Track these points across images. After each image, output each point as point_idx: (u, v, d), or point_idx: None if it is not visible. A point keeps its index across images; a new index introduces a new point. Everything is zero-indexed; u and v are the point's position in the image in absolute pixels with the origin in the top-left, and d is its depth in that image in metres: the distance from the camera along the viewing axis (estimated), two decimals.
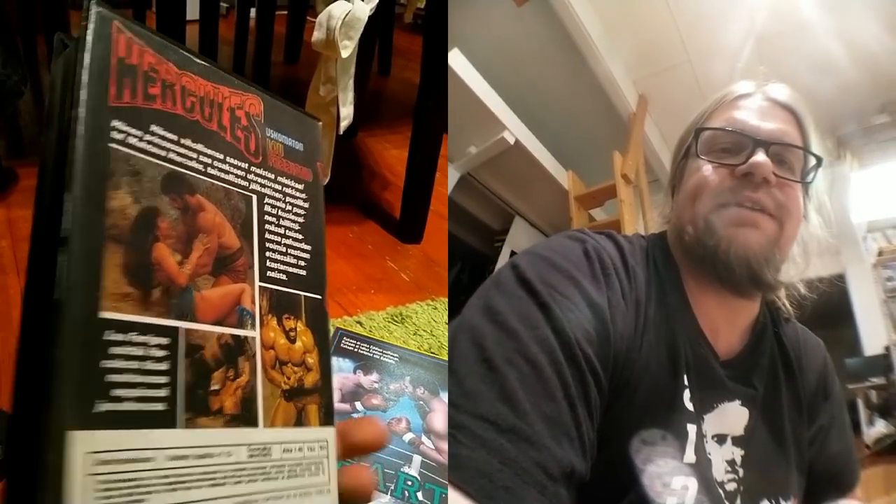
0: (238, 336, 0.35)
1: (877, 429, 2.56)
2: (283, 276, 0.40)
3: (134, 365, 0.29)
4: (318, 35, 1.19)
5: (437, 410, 0.95)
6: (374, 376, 1.00)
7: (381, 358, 1.02)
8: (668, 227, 0.67)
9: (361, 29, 1.19)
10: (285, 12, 2.85)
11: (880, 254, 2.97)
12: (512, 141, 2.46)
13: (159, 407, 0.29)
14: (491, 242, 3.15)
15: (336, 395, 0.97)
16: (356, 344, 1.05)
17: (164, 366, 0.30)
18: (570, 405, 0.44)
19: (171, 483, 0.29)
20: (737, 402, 0.60)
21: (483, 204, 3.01)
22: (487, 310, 0.48)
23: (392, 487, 0.84)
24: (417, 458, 0.88)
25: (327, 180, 1.50)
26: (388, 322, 1.33)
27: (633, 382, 0.53)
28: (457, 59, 2.15)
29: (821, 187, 0.65)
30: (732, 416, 0.60)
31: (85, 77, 0.31)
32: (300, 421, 0.37)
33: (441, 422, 0.93)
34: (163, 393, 0.30)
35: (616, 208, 2.49)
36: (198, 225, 0.34)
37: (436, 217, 1.80)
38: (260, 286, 0.38)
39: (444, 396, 0.98)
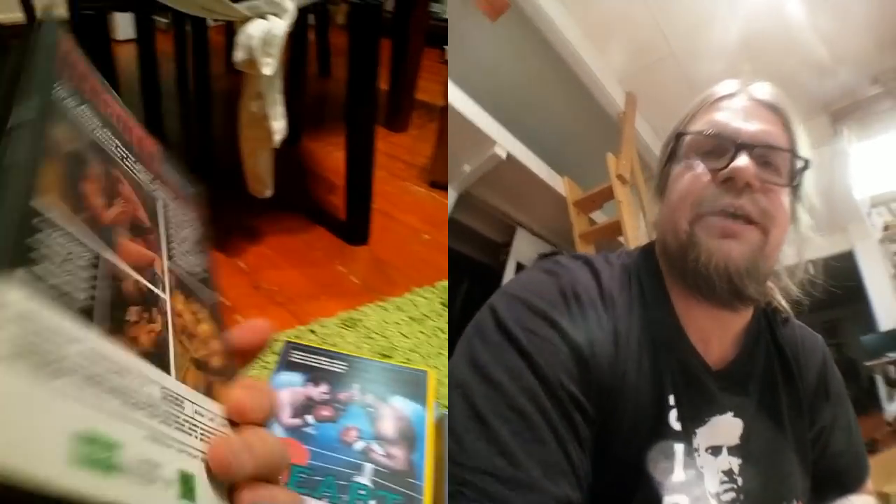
0: (152, 290, 0.36)
1: None
2: (187, 269, 0.42)
3: (58, 256, 0.28)
4: (240, 55, 1.19)
5: (385, 416, 0.94)
6: (324, 387, 0.98)
7: (330, 368, 1.01)
8: (657, 236, 0.64)
9: (281, 45, 1.18)
10: (222, 23, 2.81)
11: (886, 228, 2.87)
12: (504, 155, 2.45)
13: (81, 301, 0.28)
14: (497, 256, 3.12)
15: (287, 411, 0.96)
16: (305, 356, 1.04)
17: (86, 273, 0.29)
18: (560, 445, 0.46)
19: (86, 377, 0.27)
20: (728, 414, 0.59)
21: (484, 219, 2.99)
22: (473, 364, 0.50)
23: (345, 498, 0.83)
24: (369, 467, 0.86)
25: (271, 193, 1.47)
26: (340, 328, 1.32)
27: (619, 410, 0.53)
28: None
29: (811, 189, 0.62)
30: (725, 428, 0.59)
31: (37, 53, 0.33)
32: (209, 393, 0.37)
33: (391, 427, 0.92)
34: (83, 295, 0.28)
35: (615, 209, 2.45)
36: (118, 190, 0.36)
37: (381, 216, 1.78)
38: (167, 264, 0.39)
39: (393, 401, 0.97)
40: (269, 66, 1.19)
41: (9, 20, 2.52)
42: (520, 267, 2.95)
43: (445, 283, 1.52)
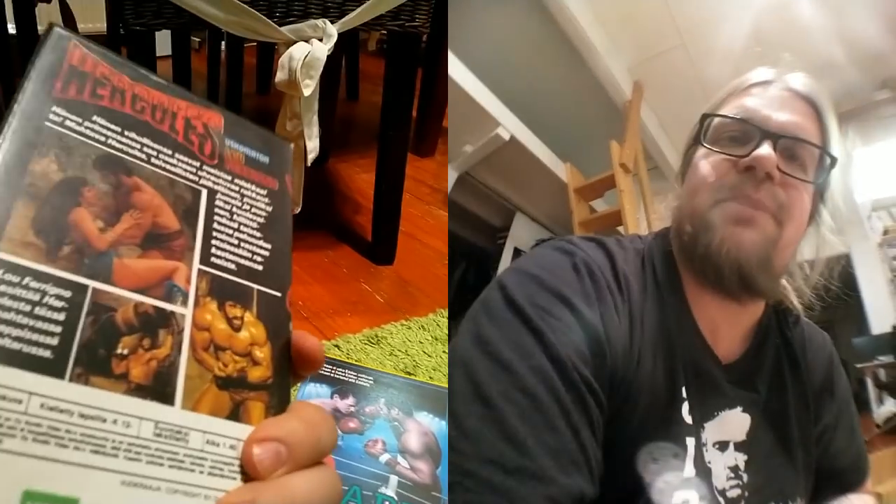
0: (163, 309, 0.34)
1: (886, 408, 2.51)
2: (232, 266, 0.38)
3: (23, 307, 0.28)
4: (280, 76, 1.21)
5: (411, 430, 0.96)
6: (351, 400, 1.00)
7: (357, 381, 1.03)
8: (672, 221, 0.62)
9: (321, 68, 1.21)
10: (255, 44, 2.85)
11: (885, 232, 2.86)
12: (507, 137, 2.39)
13: (44, 353, 0.28)
14: (494, 240, 3.08)
15: None
16: (332, 369, 1.06)
17: (59, 316, 0.29)
18: (574, 431, 0.42)
19: (40, 433, 0.26)
20: (738, 409, 0.58)
21: (483, 202, 2.93)
22: (479, 340, 0.46)
23: None
24: (394, 479, 0.88)
25: (299, 209, 1.50)
26: (365, 344, 1.34)
27: (632, 399, 0.50)
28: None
29: (837, 190, 0.60)
30: (734, 423, 0.57)
31: (33, 74, 0.34)
32: (236, 415, 0.34)
33: (415, 442, 0.94)
34: (52, 342, 0.28)
35: (616, 198, 2.41)
36: (131, 202, 0.35)
37: (407, 238, 1.81)
38: (200, 268, 0.37)
39: (418, 416, 0.99)
40: (309, 88, 1.22)
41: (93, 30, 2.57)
42: (517, 252, 2.91)
43: None
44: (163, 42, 3.08)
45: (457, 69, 2.11)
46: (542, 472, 0.39)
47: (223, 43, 2.62)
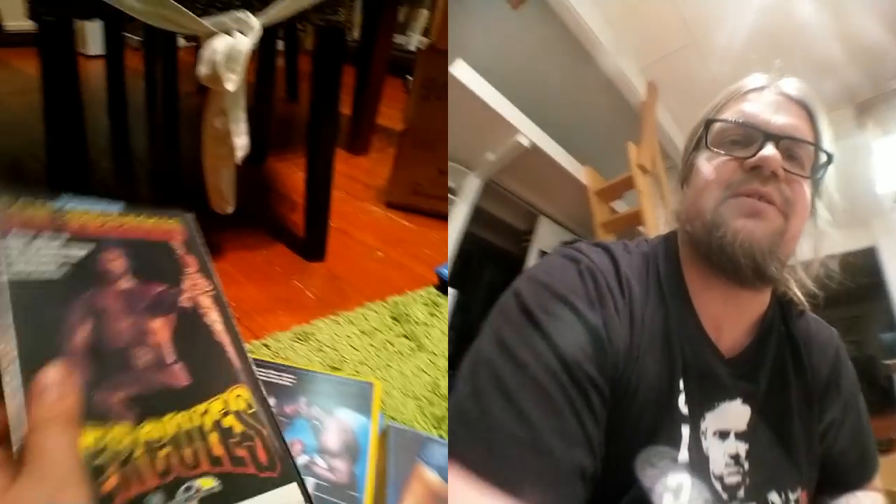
0: None
1: None
2: None
3: None
4: (203, 70, 1.17)
5: (330, 429, 0.92)
6: (271, 401, 0.96)
7: (278, 381, 0.99)
8: (677, 223, 0.65)
9: (245, 62, 1.17)
10: (193, 44, 2.80)
11: None
12: (527, 143, 2.42)
13: None
14: (519, 243, 3.14)
15: None
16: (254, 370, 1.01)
17: None
18: (577, 417, 0.48)
19: None
20: (738, 401, 0.60)
21: (508, 207, 2.99)
22: (499, 342, 0.52)
23: None
24: (311, 481, 0.84)
25: (232, 209, 1.46)
26: (293, 341, 1.29)
27: (632, 390, 0.54)
28: (461, 70, 2.13)
29: (831, 184, 0.63)
30: (734, 414, 0.60)
31: None
32: None
33: (334, 440, 0.91)
34: None
35: (636, 198, 2.43)
36: None
37: (339, 234, 1.79)
38: None
39: (339, 413, 0.95)
40: (233, 82, 1.16)
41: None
42: (542, 255, 2.93)
43: (397, 298, 1.51)
44: (97, 41, 3.01)
45: (470, 78, 2.15)
46: (550, 448, 0.46)
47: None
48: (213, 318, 0.68)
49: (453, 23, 1.90)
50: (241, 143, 1.30)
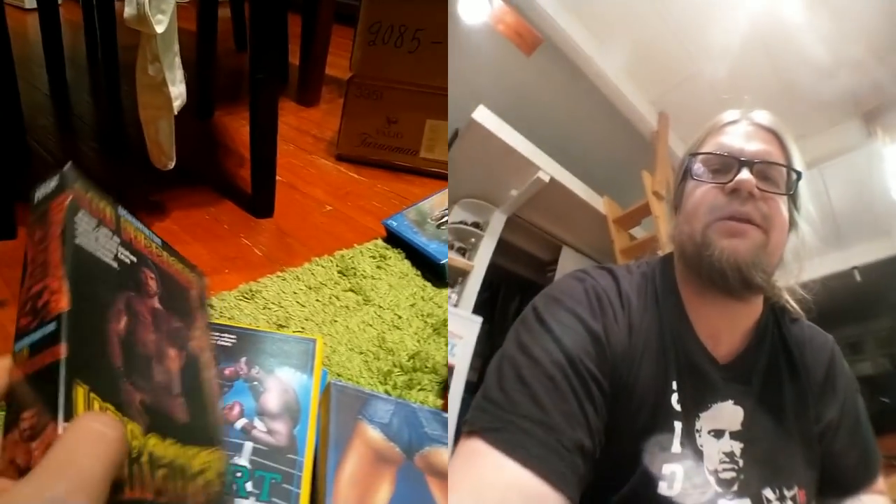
0: None
1: None
2: None
3: None
4: (129, 11, 1.10)
5: (271, 389, 0.89)
6: None
7: (219, 342, 0.95)
8: (672, 245, 0.71)
9: (173, 2, 1.10)
10: None
11: None
12: (547, 179, 2.55)
13: None
14: (544, 273, 3.32)
15: None
16: None
17: None
18: (579, 403, 0.55)
19: None
20: (729, 402, 0.64)
21: (532, 239, 3.15)
22: (518, 343, 0.60)
23: None
24: (249, 445, 0.80)
25: (173, 164, 1.40)
26: (239, 300, 1.27)
27: (629, 389, 0.61)
28: (484, 114, 2.31)
29: (806, 197, 0.68)
30: (726, 414, 0.64)
31: None
32: None
33: (275, 401, 0.88)
34: None
35: (653, 224, 2.50)
36: None
37: (288, 189, 1.73)
38: None
39: (280, 373, 0.92)
40: (162, 24, 1.11)
41: None
42: None
43: (344, 252, 1.47)
44: None
45: (493, 122, 2.33)
46: (556, 425, 0.53)
47: None
48: (210, 375, 0.72)
49: (474, 70, 2.21)
50: (177, 91, 1.25)
